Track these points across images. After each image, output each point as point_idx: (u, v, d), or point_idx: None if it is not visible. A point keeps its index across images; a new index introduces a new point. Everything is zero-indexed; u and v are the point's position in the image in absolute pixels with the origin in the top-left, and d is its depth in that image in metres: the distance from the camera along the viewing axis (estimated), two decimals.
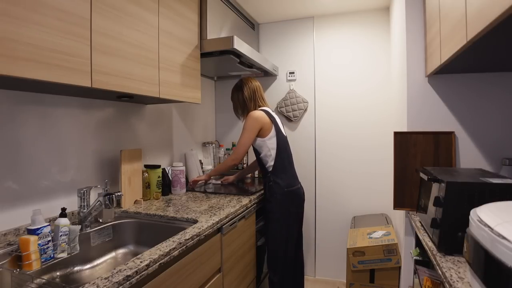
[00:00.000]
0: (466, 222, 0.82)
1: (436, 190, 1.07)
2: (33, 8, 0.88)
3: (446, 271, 0.85)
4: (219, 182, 2.18)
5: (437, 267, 0.93)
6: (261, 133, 1.78)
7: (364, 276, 1.91)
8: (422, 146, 1.51)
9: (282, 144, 1.81)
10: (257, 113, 1.78)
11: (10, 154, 1.16)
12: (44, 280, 0.96)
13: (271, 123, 1.80)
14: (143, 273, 0.91)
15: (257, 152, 1.85)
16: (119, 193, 1.42)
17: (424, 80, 1.53)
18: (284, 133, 1.87)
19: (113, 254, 1.38)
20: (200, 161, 2.37)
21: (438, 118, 1.51)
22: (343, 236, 2.51)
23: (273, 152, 1.78)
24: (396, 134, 1.55)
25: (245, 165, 2.56)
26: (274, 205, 1.77)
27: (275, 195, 1.76)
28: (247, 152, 2.20)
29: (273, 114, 1.88)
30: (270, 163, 1.78)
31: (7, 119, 1.15)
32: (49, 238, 1.08)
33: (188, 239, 1.14)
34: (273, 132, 1.78)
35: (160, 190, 1.80)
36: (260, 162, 1.85)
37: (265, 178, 1.83)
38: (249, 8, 2.38)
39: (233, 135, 2.77)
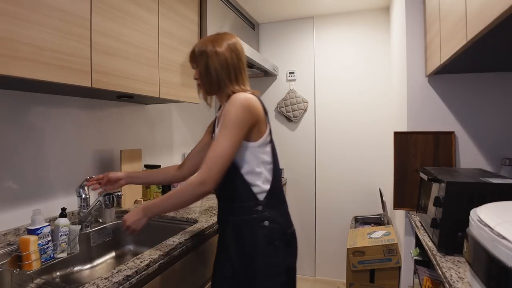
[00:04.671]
0: (466, 222, 0.82)
1: (436, 190, 1.07)
2: (34, 8, 0.88)
3: (446, 271, 0.85)
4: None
5: (437, 267, 0.93)
6: (250, 135, 1.00)
7: (364, 276, 1.90)
8: (422, 146, 1.51)
9: (277, 156, 1.10)
10: (248, 97, 0.99)
11: (10, 154, 1.16)
12: (44, 280, 0.96)
13: (266, 120, 1.06)
14: (143, 273, 0.91)
15: (235, 166, 1.01)
16: (119, 193, 1.42)
17: (424, 80, 1.53)
18: None
19: (113, 254, 1.38)
20: None
21: (438, 118, 1.51)
22: (343, 236, 2.51)
23: (267, 169, 1.04)
24: (396, 134, 1.55)
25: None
26: (268, 261, 1.00)
27: (273, 244, 1.00)
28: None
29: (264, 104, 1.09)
30: (264, 187, 1.02)
31: (7, 119, 1.15)
32: (49, 238, 1.08)
33: (188, 239, 1.14)
34: (267, 135, 1.05)
35: (160, 190, 1.80)
36: (237, 183, 1.02)
37: (247, 215, 1.02)
38: (249, 8, 2.38)
39: None
